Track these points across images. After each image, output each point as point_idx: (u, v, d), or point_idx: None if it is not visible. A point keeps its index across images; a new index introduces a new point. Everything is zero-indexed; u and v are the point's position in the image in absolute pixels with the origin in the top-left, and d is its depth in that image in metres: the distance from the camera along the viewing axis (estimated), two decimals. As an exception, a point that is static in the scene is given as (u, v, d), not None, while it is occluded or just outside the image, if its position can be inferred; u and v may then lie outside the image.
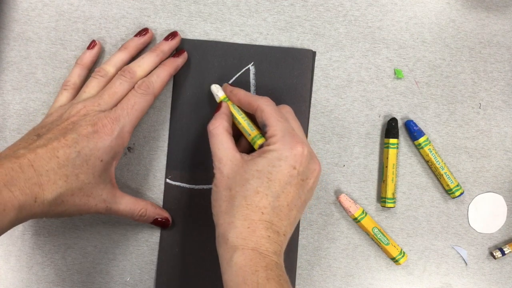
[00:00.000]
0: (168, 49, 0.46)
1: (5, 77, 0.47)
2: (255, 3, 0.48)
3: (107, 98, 0.42)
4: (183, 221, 0.47)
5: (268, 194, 0.37)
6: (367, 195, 0.49)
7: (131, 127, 0.42)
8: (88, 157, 0.39)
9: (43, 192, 0.36)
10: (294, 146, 0.38)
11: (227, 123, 0.41)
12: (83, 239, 0.48)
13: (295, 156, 0.38)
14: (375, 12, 0.49)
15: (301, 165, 0.38)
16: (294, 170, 0.38)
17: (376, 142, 0.49)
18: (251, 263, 0.35)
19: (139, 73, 0.44)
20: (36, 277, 0.47)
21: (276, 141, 0.38)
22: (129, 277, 0.48)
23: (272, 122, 0.39)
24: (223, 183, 0.39)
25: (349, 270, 0.49)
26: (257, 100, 0.41)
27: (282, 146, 0.38)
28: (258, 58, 0.47)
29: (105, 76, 0.44)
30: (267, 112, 0.40)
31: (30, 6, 0.47)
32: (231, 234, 0.37)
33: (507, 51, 0.49)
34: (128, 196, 0.43)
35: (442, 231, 0.49)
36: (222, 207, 0.38)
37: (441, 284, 0.49)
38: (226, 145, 0.40)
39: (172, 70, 0.45)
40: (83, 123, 0.40)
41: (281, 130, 0.39)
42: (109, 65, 0.44)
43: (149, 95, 0.43)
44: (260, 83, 0.47)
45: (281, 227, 0.38)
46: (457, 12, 0.49)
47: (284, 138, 0.38)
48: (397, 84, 0.49)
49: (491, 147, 0.49)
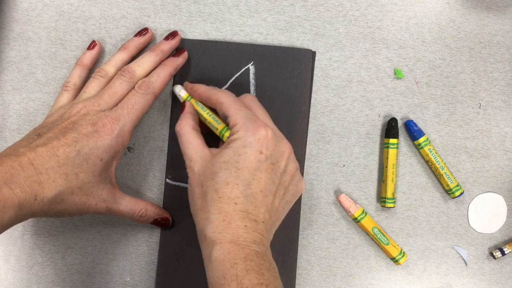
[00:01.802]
0: (168, 48, 0.46)
1: (5, 77, 0.47)
2: (255, 3, 0.48)
3: (107, 98, 0.42)
4: (183, 221, 0.47)
5: (238, 184, 0.37)
6: (367, 195, 0.49)
7: (131, 126, 0.42)
8: (88, 156, 0.39)
9: (43, 190, 0.37)
10: (257, 130, 0.38)
11: (193, 121, 0.41)
12: (83, 239, 0.48)
13: (259, 140, 0.38)
14: (375, 12, 0.49)
15: (268, 148, 0.38)
16: (261, 154, 0.38)
17: (376, 142, 0.49)
18: (229, 256, 0.35)
19: (139, 73, 0.44)
20: (36, 277, 0.47)
21: (238, 129, 0.38)
22: (129, 277, 0.48)
23: (232, 112, 0.39)
24: (195, 181, 0.39)
25: (349, 270, 0.49)
26: (215, 93, 0.41)
27: (245, 133, 0.38)
28: (258, 57, 0.47)
29: (105, 77, 0.44)
30: (226, 104, 0.40)
31: (30, 6, 0.47)
32: (208, 230, 0.37)
33: (507, 51, 0.49)
34: (128, 196, 0.43)
35: (442, 231, 0.49)
36: (197, 205, 0.38)
37: (441, 284, 0.49)
38: (194, 142, 0.40)
39: (172, 69, 0.45)
40: (83, 123, 0.40)
41: (242, 118, 0.39)
42: (109, 66, 0.44)
43: (149, 95, 0.43)
44: (260, 82, 0.47)
45: (259, 215, 0.37)
46: (457, 12, 0.49)
47: (246, 125, 0.38)
48: (397, 84, 0.49)
49: (491, 147, 0.49)
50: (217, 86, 0.47)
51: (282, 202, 0.39)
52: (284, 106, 0.47)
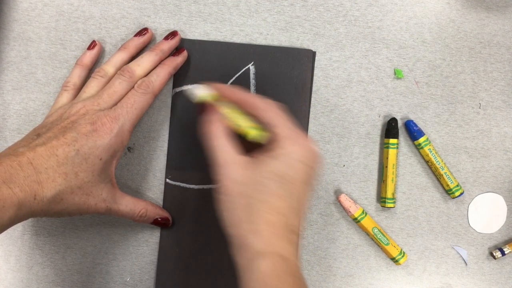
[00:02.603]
0: (168, 48, 0.46)
1: (5, 77, 0.47)
2: (255, 3, 0.48)
3: (106, 98, 0.42)
4: (183, 221, 0.47)
5: (287, 197, 0.36)
6: (367, 195, 0.49)
7: (131, 126, 0.42)
8: (87, 155, 0.39)
9: (43, 189, 0.37)
10: (309, 145, 0.38)
11: (223, 125, 0.39)
12: (83, 239, 0.48)
13: (312, 156, 0.38)
14: (375, 12, 0.49)
15: (316, 164, 0.38)
16: (311, 170, 0.38)
17: (376, 142, 0.49)
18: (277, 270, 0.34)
19: (139, 72, 0.44)
20: (36, 277, 0.47)
21: (288, 141, 0.37)
22: (129, 277, 0.48)
23: (279, 122, 0.38)
24: (234, 190, 0.37)
25: (349, 270, 0.49)
26: (253, 97, 0.40)
27: (297, 147, 0.37)
28: (258, 57, 0.47)
29: (105, 76, 0.44)
30: (270, 111, 0.38)
31: (30, 6, 0.47)
32: (255, 241, 0.35)
33: (507, 51, 0.49)
34: (128, 196, 0.43)
35: (442, 231, 0.49)
36: (240, 216, 0.36)
37: (441, 284, 0.49)
38: (228, 148, 0.38)
39: (172, 69, 0.45)
40: (82, 122, 0.40)
41: (291, 130, 0.38)
42: (109, 65, 0.44)
43: (149, 94, 0.43)
44: (260, 82, 0.47)
45: (296, 225, 0.37)
46: (457, 12, 0.49)
47: (296, 138, 0.38)
48: (397, 84, 0.49)
49: (491, 147, 0.49)
50: None
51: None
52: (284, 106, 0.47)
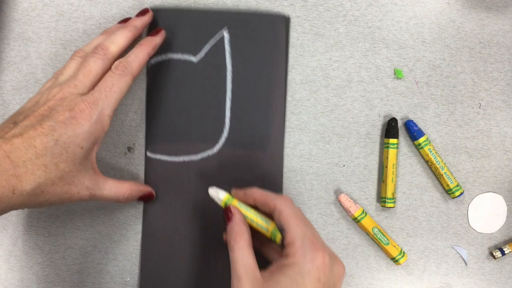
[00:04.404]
0: (141, 25, 0.44)
1: (5, 77, 0.47)
2: (255, 3, 0.48)
3: (82, 78, 0.40)
4: (166, 194, 0.47)
5: None
6: (367, 195, 0.49)
7: (111, 110, 0.40)
8: (67, 145, 0.37)
9: (21, 183, 0.36)
10: (315, 256, 0.36)
11: (248, 235, 0.38)
12: (83, 239, 0.48)
13: (318, 269, 0.35)
14: (375, 12, 0.49)
15: (325, 275, 0.36)
16: (319, 283, 0.35)
17: (376, 142, 0.49)
18: None
19: (113, 49, 0.41)
20: (36, 277, 0.47)
21: (295, 252, 0.36)
22: (129, 277, 0.48)
23: (290, 227, 0.37)
24: None
25: (349, 270, 0.49)
26: (274, 199, 0.39)
27: (303, 258, 0.35)
28: (231, 24, 0.47)
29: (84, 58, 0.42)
30: (285, 214, 0.37)
31: (30, 6, 0.47)
32: None
33: (507, 51, 0.49)
34: (111, 180, 0.42)
35: (442, 231, 0.49)
36: None
37: (441, 284, 0.49)
38: (247, 262, 0.37)
39: (151, 49, 0.43)
40: (59, 109, 0.38)
41: (300, 238, 0.36)
42: (89, 47, 0.42)
43: (127, 76, 0.41)
44: (235, 50, 0.47)
45: None
46: (457, 12, 0.49)
47: (304, 248, 0.36)
48: (397, 84, 0.49)
49: (491, 147, 0.49)
50: (192, 54, 0.46)
51: None
52: (261, 72, 0.47)
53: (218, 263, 0.46)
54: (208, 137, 0.47)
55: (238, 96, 0.47)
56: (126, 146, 0.48)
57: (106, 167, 0.47)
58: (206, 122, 0.47)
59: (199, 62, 0.47)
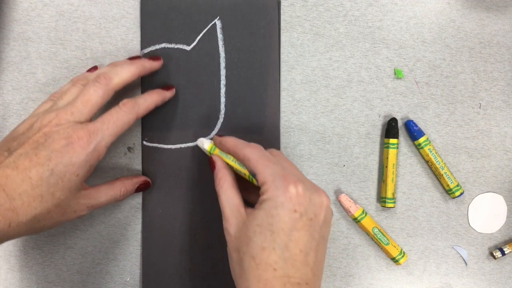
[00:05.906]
0: (149, 67, 0.44)
1: (5, 77, 0.47)
2: (255, 3, 0.48)
3: (80, 106, 0.39)
4: (164, 182, 0.47)
5: (275, 248, 0.35)
6: (367, 195, 0.49)
7: (109, 142, 0.39)
8: (63, 173, 0.37)
9: (18, 216, 0.35)
10: (287, 188, 0.36)
11: (230, 177, 0.40)
12: (83, 239, 0.48)
13: (291, 199, 0.36)
14: (375, 12, 0.49)
15: (301, 205, 0.36)
16: (295, 213, 0.36)
17: (376, 142, 0.49)
18: None
19: (115, 80, 0.41)
20: (36, 277, 0.47)
21: (268, 188, 0.36)
22: (129, 277, 0.48)
23: (260, 169, 0.37)
24: (232, 245, 0.37)
25: (349, 270, 0.49)
26: (242, 148, 0.40)
27: (275, 192, 0.36)
28: (223, 11, 0.47)
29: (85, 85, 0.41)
30: (253, 160, 0.38)
31: (30, 6, 0.47)
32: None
33: (507, 51, 0.49)
34: (102, 186, 0.42)
35: (442, 231, 0.49)
36: (236, 271, 0.37)
37: (441, 284, 0.49)
38: (232, 201, 0.39)
39: (160, 100, 0.44)
40: (55, 137, 0.37)
41: (271, 175, 0.37)
42: (92, 75, 0.42)
43: (132, 115, 0.41)
44: (228, 37, 0.47)
45: (302, 277, 0.35)
46: (457, 12, 0.49)
47: (275, 183, 0.36)
48: (397, 84, 0.49)
49: (491, 147, 0.49)
50: (185, 43, 0.47)
51: (323, 252, 0.38)
52: (254, 57, 0.47)
53: (218, 245, 0.47)
54: (204, 123, 0.47)
55: (232, 81, 0.47)
56: (126, 146, 0.48)
57: (106, 167, 0.47)
58: (201, 108, 0.47)
59: (192, 50, 0.47)
